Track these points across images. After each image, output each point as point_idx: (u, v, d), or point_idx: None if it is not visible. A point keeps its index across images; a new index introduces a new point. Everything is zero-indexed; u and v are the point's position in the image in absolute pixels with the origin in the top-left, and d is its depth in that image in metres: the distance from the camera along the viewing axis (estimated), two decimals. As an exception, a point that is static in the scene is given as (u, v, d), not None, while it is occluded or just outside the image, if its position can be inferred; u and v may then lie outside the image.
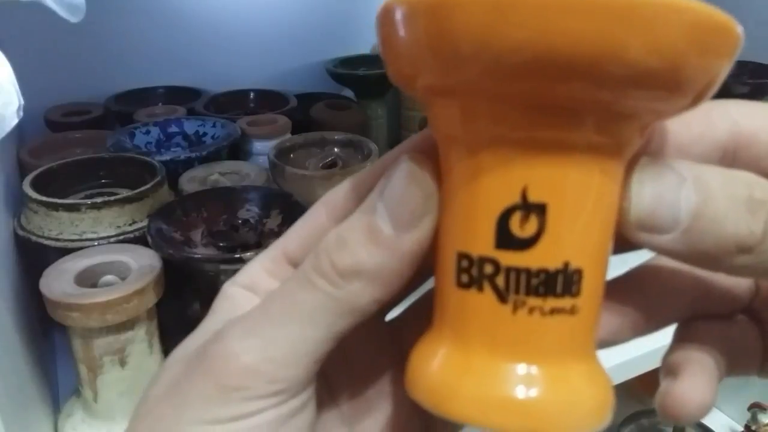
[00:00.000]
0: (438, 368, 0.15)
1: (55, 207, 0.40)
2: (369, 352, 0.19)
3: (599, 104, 0.13)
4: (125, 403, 0.38)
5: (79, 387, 0.38)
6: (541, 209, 0.14)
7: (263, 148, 0.56)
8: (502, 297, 0.14)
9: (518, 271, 0.14)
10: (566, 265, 0.14)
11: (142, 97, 0.67)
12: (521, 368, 0.14)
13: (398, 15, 0.13)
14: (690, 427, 0.73)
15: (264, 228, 0.42)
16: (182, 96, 0.67)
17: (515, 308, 0.14)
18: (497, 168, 0.14)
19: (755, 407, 0.72)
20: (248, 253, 0.36)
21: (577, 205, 0.14)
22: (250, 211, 0.43)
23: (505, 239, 0.14)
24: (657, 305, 0.18)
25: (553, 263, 0.14)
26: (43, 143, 0.56)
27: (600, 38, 0.11)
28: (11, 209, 0.44)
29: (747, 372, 0.19)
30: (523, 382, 0.14)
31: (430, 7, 0.12)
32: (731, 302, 0.18)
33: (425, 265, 0.17)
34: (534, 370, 0.14)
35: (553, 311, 0.14)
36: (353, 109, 0.66)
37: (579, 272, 0.14)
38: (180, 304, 0.48)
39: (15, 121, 0.31)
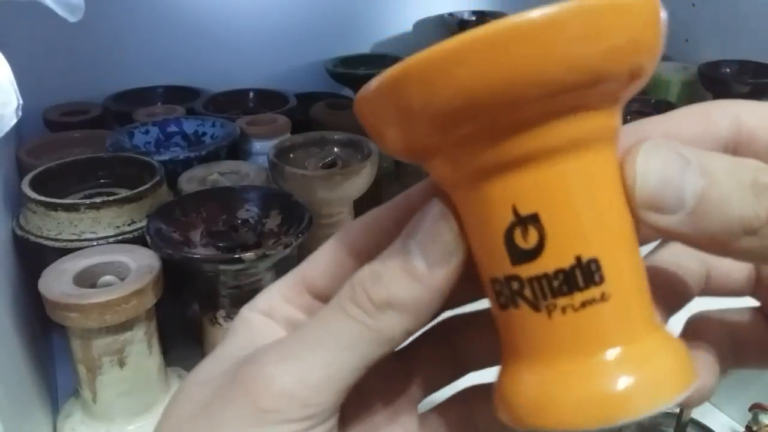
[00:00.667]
0: (518, 390, 0.16)
1: (54, 207, 0.40)
2: (380, 381, 0.20)
3: (539, 119, 0.14)
4: (124, 403, 0.37)
5: (78, 387, 0.38)
6: (534, 219, 0.15)
7: (263, 147, 0.56)
8: (535, 307, 0.15)
9: (539, 278, 0.15)
10: (578, 259, 0.15)
11: (141, 96, 0.67)
12: (586, 363, 0.15)
13: (364, 103, 0.16)
14: (691, 428, 0.73)
15: (263, 228, 0.42)
16: (181, 95, 0.67)
17: (549, 313, 0.15)
18: (488, 196, 0.15)
19: (756, 408, 0.72)
20: (247, 254, 0.36)
21: (565, 203, 0.15)
22: (249, 211, 0.43)
23: (517, 254, 0.15)
24: (664, 295, 0.18)
25: (565, 261, 0.15)
26: (42, 143, 0.56)
27: (509, 78, 0.13)
28: (10, 209, 0.44)
29: (759, 365, 0.19)
30: (599, 373, 0.15)
31: (382, 89, 0.15)
32: (729, 286, 0.19)
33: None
34: (599, 359, 0.15)
35: (584, 304, 0.15)
36: (353, 109, 0.66)
37: (595, 261, 0.15)
38: (179, 305, 0.48)
39: (14, 120, 0.30)
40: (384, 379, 0.20)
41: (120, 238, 0.41)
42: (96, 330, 0.35)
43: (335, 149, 0.52)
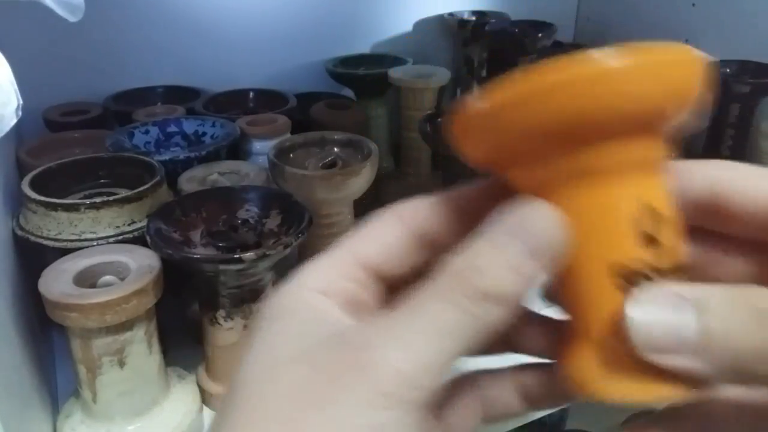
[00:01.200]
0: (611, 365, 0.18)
1: (54, 207, 0.40)
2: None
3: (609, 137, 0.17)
4: (124, 403, 0.37)
5: (78, 387, 0.38)
6: (658, 215, 0.18)
7: (263, 147, 0.56)
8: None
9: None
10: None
11: (141, 96, 0.67)
12: None
13: (469, 119, 0.18)
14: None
15: (263, 228, 0.42)
16: (181, 95, 0.67)
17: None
18: (612, 191, 0.18)
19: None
20: (248, 254, 0.36)
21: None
22: (249, 211, 0.43)
23: (645, 239, 0.17)
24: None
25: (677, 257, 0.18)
26: (42, 143, 0.56)
27: (588, 109, 0.16)
28: (10, 209, 0.44)
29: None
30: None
31: (488, 114, 0.17)
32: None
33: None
34: None
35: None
36: (353, 109, 0.66)
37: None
38: (179, 305, 0.48)
39: (14, 120, 0.30)
40: None
41: (120, 238, 0.40)
42: (96, 330, 0.35)
43: (335, 149, 0.52)
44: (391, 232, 0.19)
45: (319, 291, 0.18)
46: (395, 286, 0.20)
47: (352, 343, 0.17)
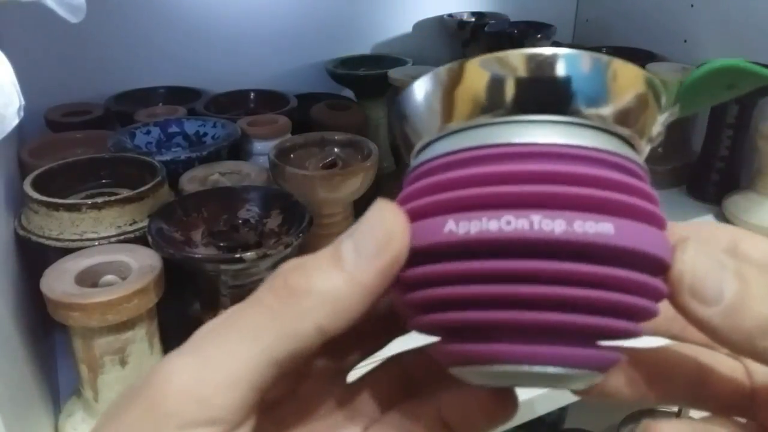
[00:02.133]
0: None
1: (56, 207, 0.40)
2: (325, 410, 0.19)
3: None
4: (126, 402, 0.37)
5: (79, 387, 0.38)
6: None
7: (263, 148, 0.56)
8: None
9: None
10: None
11: (143, 97, 0.67)
12: None
13: None
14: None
15: (264, 228, 0.42)
16: (183, 96, 0.67)
17: None
18: None
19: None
20: (248, 253, 0.36)
21: None
22: (250, 211, 0.43)
23: None
24: (659, 383, 0.19)
25: None
26: (44, 143, 0.56)
27: None
28: (12, 209, 0.44)
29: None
30: None
31: None
32: (725, 397, 0.19)
33: (385, 326, 0.19)
34: None
35: None
36: (353, 110, 0.66)
37: None
38: (180, 304, 0.48)
39: (16, 121, 0.31)
40: (333, 409, 0.19)
41: (121, 237, 0.41)
42: (97, 329, 0.35)
43: (335, 150, 0.52)
44: None
45: None
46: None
47: (162, 361, 0.15)
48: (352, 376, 0.21)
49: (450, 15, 0.82)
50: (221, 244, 0.41)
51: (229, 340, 0.14)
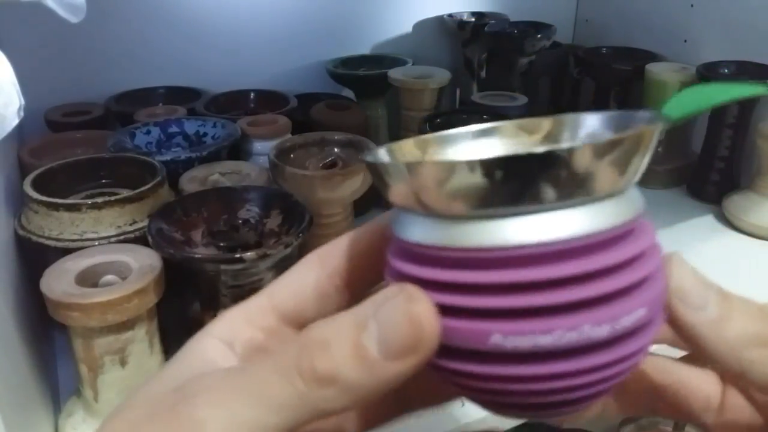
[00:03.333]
0: None
1: (56, 207, 0.40)
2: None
3: None
4: (126, 402, 0.37)
5: (79, 387, 0.38)
6: None
7: (263, 148, 0.56)
8: None
9: None
10: None
11: (143, 97, 0.67)
12: None
13: None
14: (690, 426, 0.73)
15: (264, 228, 0.42)
16: (183, 96, 0.67)
17: None
18: None
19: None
20: (248, 253, 0.36)
21: None
22: (250, 211, 0.43)
23: None
24: (625, 396, 0.20)
25: None
26: (44, 143, 0.56)
27: None
28: (12, 209, 0.44)
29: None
30: None
31: None
32: (687, 406, 0.20)
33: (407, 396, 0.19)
34: None
35: None
36: (353, 110, 0.66)
37: None
38: (180, 304, 0.48)
39: (16, 121, 0.31)
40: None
41: (121, 237, 0.41)
42: (98, 329, 0.35)
43: (335, 149, 0.52)
44: (307, 276, 0.19)
45: (222, 339, 0.18)
46: None
47: (182, 393, 0.16)
48: None
49: (450, 15, 0.82)
50: (221, 244, 0.41)
51: (260, 405, 0.15)
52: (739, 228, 0.60)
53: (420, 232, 0.16)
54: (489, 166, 0.14)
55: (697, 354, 0.17)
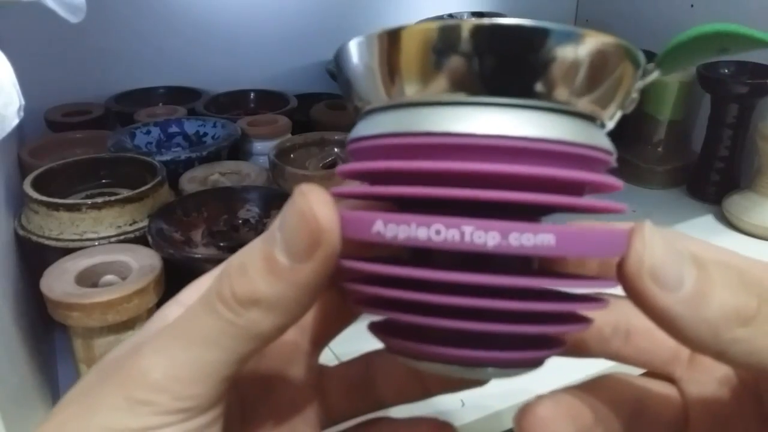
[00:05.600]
0: None
1: (56, 207, 0.40)
2: (294, 386, 0.20)
3: None
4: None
5: (79, 386, 0.38)
6: None
7: (263, 148, 0.56)
8: None
9: None
10: None
11: (143, 97, 0.67)
12: None
13: None
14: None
15: (264, 228, 0.42)
16: (183, 96, 0.67)
17: None
18: None
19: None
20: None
21: None
22: (250, 211, 0.43)
23: None
24: (602, 413, 0.18)
25: None
26: (44, 143, 0.56)
27: None
28: (12, 209, 0.44)
29: None
30: None
31: None
32: (662, 422, 0.19)
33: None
34: None
35: None
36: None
37: None
38: (180, 304, 0.48)
39: (16, 121, 0.30)
40: (300, 388, 0.20)
41: (122, 237, 0.40)
42: (98, 329, 0.35)
43: (335, 149, 0.52)
44: None
45: (184, 304, 0.18)
46: None
47: (131, 347, 0.16)
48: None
49: (450, 15, 0.82)
50: (221, 244, 0.41)
51: (195, 344, 0.15)
52: (740, 228, 0.60)
53: (367, 125, 0.16)
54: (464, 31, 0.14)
55: (671, 335, 0.15)
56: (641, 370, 0.20)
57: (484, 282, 0.14)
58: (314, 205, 0.15)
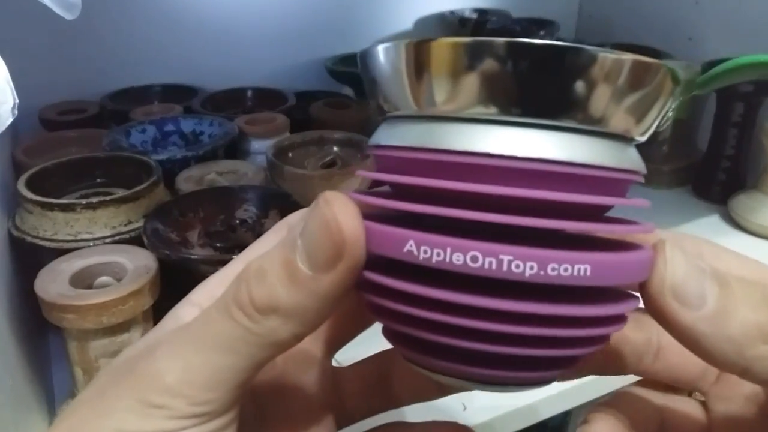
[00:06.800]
0: None
1: (50, 207, 0.40)
2: (308, 390, 0.20)
3: None
4: (121, 406, 0.37)
5: (74, 389, 0.37)
6: None
7: (261, 147, 0.55)
8: None
9: None
10: None
11: (138, 95, 0.66)
12: None
13: None
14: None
15: (262, 228, 0.42)
16: (179, 94, 0.67)
17: None
18: None
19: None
20: (246, 254, 0.36)
21: None
22: (247, 211, 0.43)
23: None
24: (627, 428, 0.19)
25: None
26: (38, 142, 0.55)
27: None
28: (6, 209, 0.44)
29: None
30: None
31: None
32: (682, 380, 0.19)
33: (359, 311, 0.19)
34: None
35: None
36: (353, 108, 0.65)
37: None
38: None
39: (10, 119, 0.30)
40: (316, 390, 0.20)
41: (117, 238, 0.40)
42: (92, 331, 0.34)
43: (334, 148, 0.52)
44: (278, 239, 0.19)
45: (198, 304, 0.18)
46: None
47: (145, 348, 0.16)
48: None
49: (452, 12, 0.81)
50: (218, 245, 0.41)
51: (211, 350, 0.15)
52: (746, 228, 0.59)
53: (388, 134, 0.16)
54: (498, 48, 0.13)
55: (695, 352, 0.15)
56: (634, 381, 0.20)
57: (523, 310, 0.14)
58: (339, 216, 0.14)
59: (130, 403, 0.15)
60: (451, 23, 0.81)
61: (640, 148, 0.18)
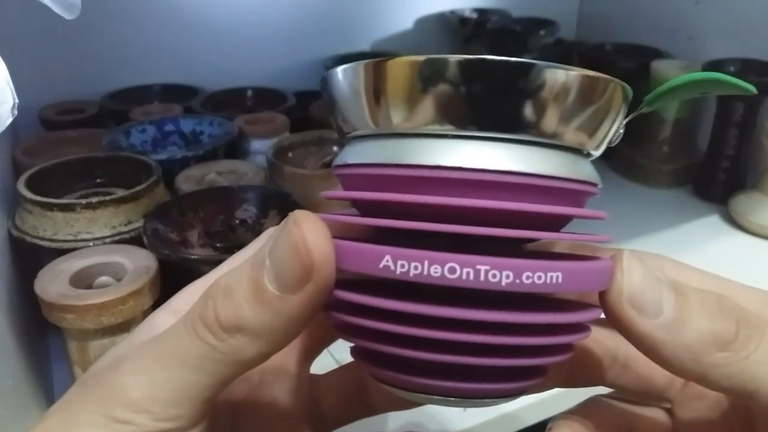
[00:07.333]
0: None
1: (50, 207, 0.40)
2: (284, 402, 0.20)
3: None
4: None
5: (73, 390, 0.37)
6: None
7: (261, 146, 0.55)
8: None
9: None
10: None
11: (138, 95, 0.66)
12: None
13: None
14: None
15: (262, 228, 0.42)
16: (178, 94, 0.66)
17: None
18: None
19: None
20: (246, 254, 0.35)
21: None
22: (247, 211, 0.42)
23: None
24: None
25: None
26: (38, 142, 0.55)
27: None
28: (5, 209, 0.44)
29: None
30: None
31: None
32: (649, 390, 0.19)
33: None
34: None
35: None
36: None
37: None
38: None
39: (9, 119, 0.30)
40: (290, 398, 0.20)
41: (116, 238, 0.40)
42: (92, 331, 0.34)
43: (334, 148, 0.52)
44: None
45: (175, 311, 0.18)
46: None
47: (114, 360, 0.16)
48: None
49: (452, 11, 0.81)
50: (218, 245, 0.41)
51: (176, 367, 0.15)
52: (746, 228, 0.59)
53: (357, 152, 0.16)
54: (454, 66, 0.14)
55: (653, 360, 0.16)
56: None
57: (495, 319, 0.14)
58: (308, 236, 0.14)
59: (95, 417, 0.15)
60: (451, 23, 0.81)
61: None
